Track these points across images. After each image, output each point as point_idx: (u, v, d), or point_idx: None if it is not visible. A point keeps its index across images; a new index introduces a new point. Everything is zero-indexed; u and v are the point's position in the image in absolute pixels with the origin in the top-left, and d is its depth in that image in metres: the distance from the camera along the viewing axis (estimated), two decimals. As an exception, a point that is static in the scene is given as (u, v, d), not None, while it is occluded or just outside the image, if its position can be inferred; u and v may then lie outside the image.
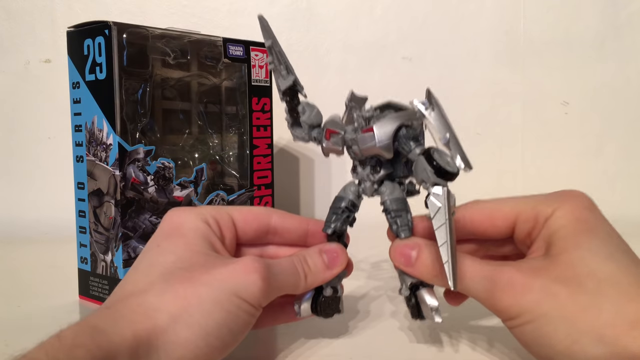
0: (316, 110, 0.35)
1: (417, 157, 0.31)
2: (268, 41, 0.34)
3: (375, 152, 0.33)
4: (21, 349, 0.24)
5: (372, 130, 0.32)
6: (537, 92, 0.89)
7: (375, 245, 0.40)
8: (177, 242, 0.32)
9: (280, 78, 0.34)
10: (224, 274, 0.30)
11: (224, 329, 0.29)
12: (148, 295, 0.29)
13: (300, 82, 0.35)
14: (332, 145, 0.35)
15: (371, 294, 0.49)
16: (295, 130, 0.36)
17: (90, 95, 0.46)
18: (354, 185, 0.36)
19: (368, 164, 0.35)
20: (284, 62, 0.34)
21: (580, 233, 0.30)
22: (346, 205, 0.35)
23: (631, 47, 0.88)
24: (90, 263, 0.47)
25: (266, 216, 0.37)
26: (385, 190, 0.35)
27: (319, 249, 0.35)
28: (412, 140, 0.32)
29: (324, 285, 0.35)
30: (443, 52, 0.88)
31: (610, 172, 0.89)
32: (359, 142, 0.33)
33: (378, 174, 0.35)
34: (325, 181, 0.88)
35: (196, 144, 0.54)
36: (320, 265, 0.34)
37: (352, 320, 0.42)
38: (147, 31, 0.47)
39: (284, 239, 0.38)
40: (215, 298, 0.29)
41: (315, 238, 0.37)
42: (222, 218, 0.35)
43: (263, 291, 0.30)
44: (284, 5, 0.86)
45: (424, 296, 0.34)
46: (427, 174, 0.30)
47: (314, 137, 0.35)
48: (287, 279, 0.33)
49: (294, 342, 0.38)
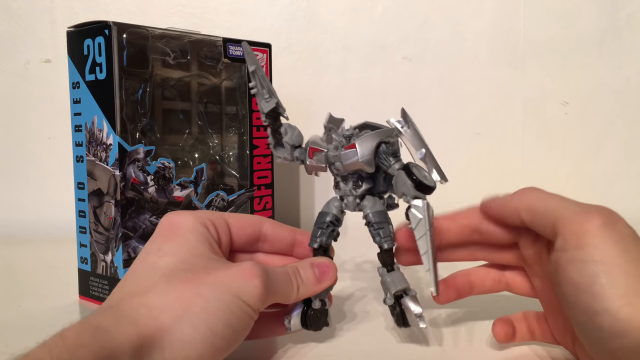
0: (297, 131, 0.38)
1: (397, 172, 0.34)
2: (252, 67, 0.36)
3: (358, 167, 0.35)
4: (21, 349, 0.24)
5: (355, 147, 0.35)
6: (537, 92, 0.89)
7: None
8: (177, 245, 0.32)
9: (263, 101, 0.36)
10: (226, 276, 0.31)
11: (228, 329, 0.29)
12: (151, 296, 0.29)
13: (282, 105, 0.37)
14: (315, 162, 0.37)
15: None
16: (278, 151, 0.39)
17: (90, 95, 0.46)
18: (337, 201, 0.38)
19: (350, 180, 0.37)
20: (266, 86, 0.36)
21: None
22: (331, 220, 0.37)
23: (631, 47, 0.88)
24: (90, 263, 0.47)
25: (258, 224, 0.38)
26: (367, 204, 0.37)
27: (310, 262, 0.36)
28: (391, 156, 0.35)
29: (312, 299, 0.36)
30: (443, 52, 0.88)
31: (610, 172, 0.89)
32: (342, 158, 0.35)
33: (360, 189, 0.37)
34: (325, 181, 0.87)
35: (196, 144, 0.54)
36: (311, 278, 0.35)
37: (348, 321, 0.42)
38: (147, 31, 0.47)
39: (273, 247, 0.39)
40: (220, 298, 0.29)
41: (302, 248, 0.39)
42: (218, 222, 0.36)
43: (262, 296, 0.31)
44: (284, 5, 0.86)
45: (408, 304, 0.35)
46: (407, 188, 0.33)
47: (296, 156, 0.38)
48: (282, 287, 0.34)
49: (291, 341, 0.38)
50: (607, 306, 0.27)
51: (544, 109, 0.89)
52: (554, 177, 0.88)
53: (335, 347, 0.38)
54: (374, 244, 0.37)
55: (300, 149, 0.38)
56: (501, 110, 0.89)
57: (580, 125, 0.89)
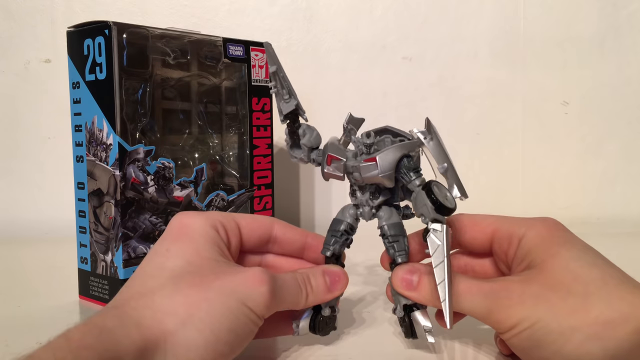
0: (316, 132, 0.37)
1: (418, 191, 0.33)
2: (273, 67, 0.35)
3: (377, 181, 0.34)
4: (22, 349, 0.24)
5: (375, 160, 0.34)
6: (537, 92, 0.89)
7: (370, 249, 0.41)
8: (186, 247, 0.32)
9: (283, 102, 0.35)
10: (233, 281, 0.30)
11: (232, 335, 0.29)
12: (156, 297, 0.29)
13: (302, 106, 0.36)
14: (332, 170, 0.36)
15: (367, 299, 0.49)
16: (294, 152, 0.37)
17: (90, 95, 0.46)
18: (352, 209, 0.37)
19: (367, 190, 0.36)
20: (286, 87, 0.35)
21: (557, 245, 0.32)
22: (345, 229, 0.37)
23: (631, 47, 0.88)
24: (90, 263, 0.47)
25: (269, 225, 0.38)
26: (384, 215, 0.36)
27: (322, 271, 0.36)
28: (412, 171, 0.34)
29: (322, 305, 0.36)
30: (443, 52, 0.88)
31: (610, 172, 0.89)
32: (362, 170, 0.34)
33: (377, 200, 0.36)
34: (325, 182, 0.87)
35: (196, 144, 0.54)
36: (322, 286, 0.35)
37: (350, 322, 0.42)
38: (147, 31, 0.47)
39: (283, 249, 0.38)
40: (225, 304, 0.29)
41: (312, 252, 0.38)
42: (229, 224, 0.35)
43: (268, 303, 0.31)
44: (284, 5, 0.86)
45: (418, 317, 0.35)
46: (427, 210, 0.32)
47: (313, 159, 0.37)
48: (290, 294, 0.33)
49: (293, 342, 0.38)
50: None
51: (544, 109, 0.89)
52: (554, 177, 0.88)
53: (338, 349, 0.38)
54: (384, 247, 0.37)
55: (318, 150, 0.37)
56: (501, 110, 0.89)
57: (580, 125, 0.89)
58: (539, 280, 0.31)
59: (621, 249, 0.38)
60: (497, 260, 0.37)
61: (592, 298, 0.29)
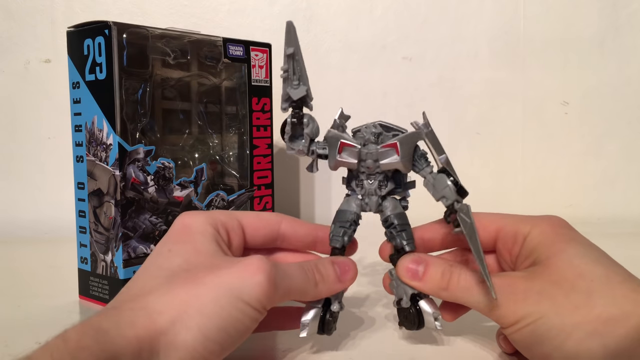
0: (317, 124, 0.36)
1: (435, 175, 0.34)
2: (290, 49, 0.33)
3: (395, 167, 0.35)
4: (21, 349, 0.24)
5: (396, 146, 0.34)
6: (537, 92, 0.89)
7: (369, 247, 0.41)
8: (186, 246, 0.32)
9: (291, 88, 0.34)
10: (227, 274, 0.30)
11: (222, 333, 0.29)
12: (151, 297, 0.29)
13: (311, 94, 0.35)
14: (344, 158, 0.35)
15: (366, 298, 0.49)
16: (294, 143, 0.36)
17: (90, 95, 0.46)
18: (357, 200, 0.37)
19: (377, 179, 0.36)
20: (298, 72, 0.34)
21: (562, 242, 0.32)
22: (354, 219, 0.37)
23: (631, 47, 0.88)
24: (90, 263, 0.47)
25: (276, 223, 0.37)
26: (389, 205, 0.36)
27: (331, 260, 0.36)
28: (423, 159, 0.35)
29: (332, 300, 0.35)
30: (443, 52, 0.88)
31: (610, 172, 0.89)
32: (380, 156, 0.35)
33: (385, 188, 0.36)
34: (325, 181, 0.87)
35: (196, 144, 0.54)
36: (332, 275, 0.35)
37: (350, 322, 0.42)
38: (147, 31, 0.47)
39: (293, 245, 0.38)
40: (215, 300, 0.29)
41: (324, 245, 0.38)
42: (230, 223, 0.35)
43: (268, 292, 0.30)
44: (284, 5, 0.86)
45: (424, 306, 0.35)
46: (449, 191, 0.33)
47: (312, 149, 0.36)
48: (296, 283, 0.32)
49: (293, 342, 0.38)
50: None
51: (544, 109, 0.89)
52: (554, 177, 0.88)
53: (338, 349, 0.38)
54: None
55: (317, 142, 0.36)
56: (501, 110, 0.89)
57: (580, 125, 0.89)
58: (543, 277, 0.31)
59: (622, 249, 0.38)
60: (500, 258, 0.37)
61: (596, 295, 0.29)
